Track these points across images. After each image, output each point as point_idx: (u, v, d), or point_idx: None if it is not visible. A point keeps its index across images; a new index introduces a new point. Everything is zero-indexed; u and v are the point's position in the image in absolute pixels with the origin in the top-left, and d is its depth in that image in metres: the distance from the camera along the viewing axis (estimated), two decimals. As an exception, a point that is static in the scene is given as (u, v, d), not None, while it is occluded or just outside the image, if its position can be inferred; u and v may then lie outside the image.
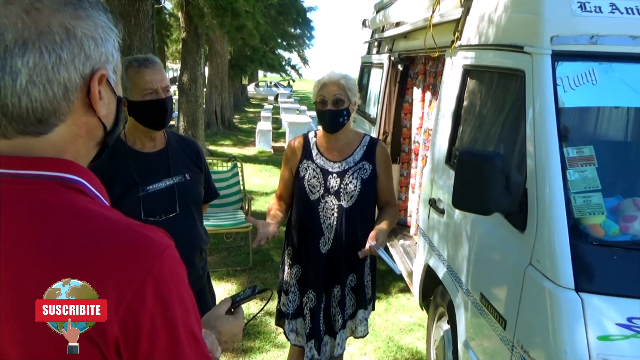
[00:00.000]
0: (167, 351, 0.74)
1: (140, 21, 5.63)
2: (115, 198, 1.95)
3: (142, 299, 0.71)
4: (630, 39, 1.98)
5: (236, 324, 1.15)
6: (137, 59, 1.97)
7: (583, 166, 1.84)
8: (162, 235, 0.79)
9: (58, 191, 0.75)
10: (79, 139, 0.79)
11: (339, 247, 2.26)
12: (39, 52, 0.70)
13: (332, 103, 2.20)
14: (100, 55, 0.76)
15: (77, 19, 0.73)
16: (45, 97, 0.72)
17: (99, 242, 0.72)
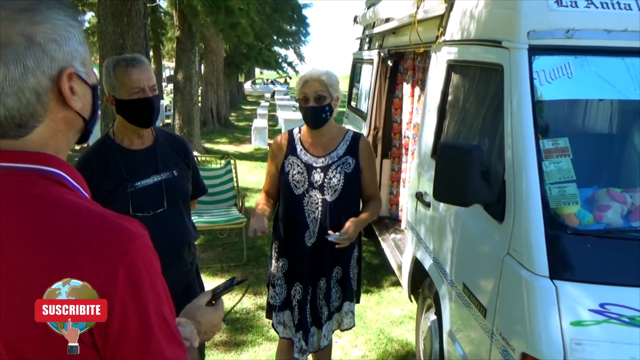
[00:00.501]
0: (138, 334, 0.78)
1: (132, 20, 5.65)
2: (105, 194, 2.00)
3: (115, 283, 0.76)
4: (605, 32, 2.02)
5: (216, 314, 1.19)
6: (124, 59, 2.02)
7: (558, 157, 1.89)
8: (136, 225, 0.83)
9: (39, 183, 0.79)
10: (59, 134, 0.83)
11: (324, 240, 2.31)
12: (5, 65, 0.74)
13: (314, 100, 2.25)
14: (65, 54, 0.80)
15: (34, 25, 0.77)
16: (20, 104, 0.77)
17: (75, 230, 0.77)
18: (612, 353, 1.63)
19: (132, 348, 0.78)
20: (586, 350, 1.65)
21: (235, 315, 3.91)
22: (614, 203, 1.87)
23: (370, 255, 5.21)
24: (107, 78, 1.99)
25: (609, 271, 1.75)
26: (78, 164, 2.06)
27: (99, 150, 2.09)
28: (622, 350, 1.63)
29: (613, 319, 1.67)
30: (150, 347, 0.80)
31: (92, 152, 2.09)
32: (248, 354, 3.39)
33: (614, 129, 2.12)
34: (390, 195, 4.92)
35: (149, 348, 0.80)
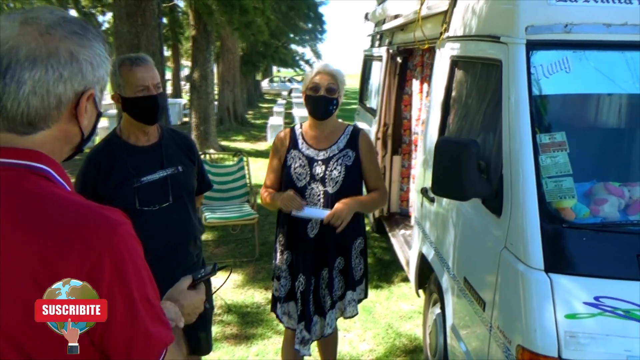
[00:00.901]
0: (124, 314, 0.85)
1: (146, 20, 5.77)
2: (112, 189, 2.08)
3: (101, 269, 0.82)
4: (605, 26, 2.02)
5: (197, 297, 1.26)
6: (129, 58, 2.09)
7: (555, 152, 1.90)
8: (119, 214, 0.90)
9: (28, 177, 0.86)
10: (57, 142, 0.92)
11: (326, 231, 2.36)
12: (45, 68, 0.84)
13: (326, 90, 2.31)
14: (94, 77, 0.91)
15: (80, 47, 0.88)
16: (41, 105, 0.86)
17: (62, 220, 0.84)
18: (607, 346, 1.64)
19: (119, 328, 0.85)
20: (580, 343, 1.66)
21: (245, 309, 3.99)
22: (611, 197, 1.87)
23: (382, 251, 5.24)
24: (113, 77, 2.06)
25: (605, 264, 1.75)
26: (86, 160, 2.14)
27: (106, 147, 2.16)
28: (616, 342, 1.64)
29: (608, 312, 1.67)
30: (137, 327, 0.86)
31: (100, 148, 2.17)
32: (257, 346, 3.45)
33: (613, 123, 2.11)
34: (401, 192, 4.94)
35: (135, 328, 0.86)
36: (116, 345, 0.85)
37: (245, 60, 19.32)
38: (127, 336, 0.86)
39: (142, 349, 0.88)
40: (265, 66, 24.10)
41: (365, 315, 3.90)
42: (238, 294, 4.29)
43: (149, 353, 0.89)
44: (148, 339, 0.88)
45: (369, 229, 5.78)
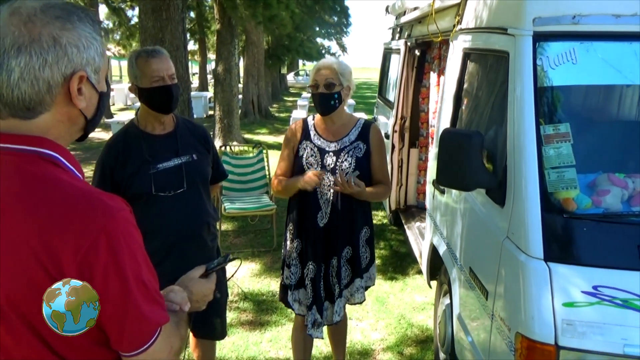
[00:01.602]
0: (118, 292, 0.92)
1: (170, 15, 5.89)
2: (129, 175, 2.18)
3: (96, 251, 0.89)
4: (614, 17, 2.01)
5: (207, 286, 1.31)
6: (145, 50, 2.18)
7: (559, 143, 1.91)
8: (118, 201, 0.97)
9: (37, 162, 0.94)
10: (61, 124, 0.97)
11: (336, 220, 2.42)
12: (29, 55, 0.89)
13: (324, 86, 2.35)
14: (82, 59, 0.94)
15: (64, 30, 0.92)
16: (32, 90, 0.91)
17: (64, 203, 0.91)
18: (604, 334, 1.66)
19: (113, 306, 0.92)
20: (578, 331, 1.68)
21: (261, 297, 4.09)
22: (614, 188, 1.87)
23: (398, 244, 5.27)
24: (130, 69, 2.17)
25: (605, 254, 1.77)
26: (105, 147, 2.25)
27: (124, 136, 2.27)
28: (613, 331, 1.66)
29: (606, 301, 1.69)
30: (129, 304, 0.93)
31: (118, 137, 2.28)
32: (271, 333, 3.55)
33: (619, 114, 2.10)
34: (418, 184, 4.95)
35: (128, 304, 0.93)
36: (111, 322, 0.93)
37: (270, 54, 19.46)
38: (121, 315, 0.93)
39: (135, 328, 0.95)
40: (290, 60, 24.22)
41: (379, 306, 3.95)
42: (255, 282, 4.39)
43: (142, 331, 0.96)
44: (141, 317, 0.95)
45: (386, 222, 5.82)
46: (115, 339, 0.95)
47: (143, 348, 0.96)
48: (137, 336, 0.96)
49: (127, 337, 0.95)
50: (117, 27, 18.64)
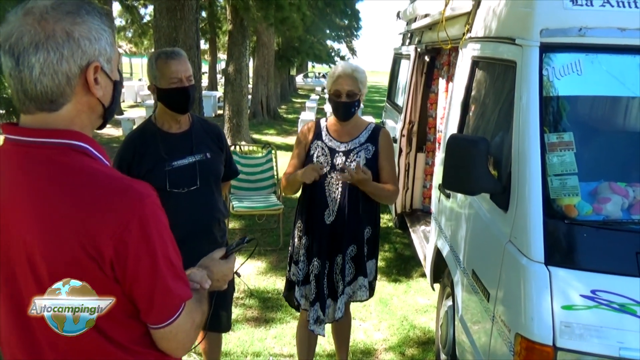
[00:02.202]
0: (148, 269, 1.01)
1: (185, 15, 5.99)
2: (145, 171, 2.26)
3: (130, 232, 0.98)
4: (619, 31, 2.07)
5: (227, 266, 1.40)
6: (165, 52, 2.26)
7: (562, 151, 1.98)
8: (146, 187, 1.05)
9: (69, 153, 1.02)
10: (83, 114, 1.05)
11: (342, 219, 2.49)
12: (46, 51, 0.96)
13: (346, 96, 2.44)
14: (94, 50, 1.01)
15: (75, 25, 0.99)
16: (53, 83, 0.98)
17: (100, 190, 1.00)
18: (601, 337, 1.72)
19: (144, 281, 1.01)
20: (575, 334, 1.74)
21: (267, 295, 4.16)
22: (614, 196, 1.93)
23: (402, 247, 5.33)
24: (150, 69, 2.25)
25: (603, 260, 1.82)
26: (123, 143, 2.34)
27: (141, 133, 2.35)
28: (610, 334, 1.72)
29: (603, 305, 1.75)
30: (158, 280, 1.02)
31: (136, 134, 2.36)
32: (276, 329, 3.62)
33: (622, 125, 2.16)
34: (424, 189, 5.01)
35: (157, 280, 1.02)
36: (141, 295, 1.02)
37: (280, 55, 19.57)
38: (150, 288, 1.02)
39: (162, 300, 1.04)
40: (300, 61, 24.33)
41: (382, 307, 4.02)
42: (260, 280, 4.47)
43: (168, 304, 1.05)
44: (168, 292, 1.04)
45: (391, 225, 5.88)
46: (144, 311, 1.03)
47: (169, 321, 1.05)
48: (164, 310, 1.04)
49: (156, 310, 1.03)
50: (129, 24, 18.84)
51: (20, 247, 0.99)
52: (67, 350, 1.02)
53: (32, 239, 0.97)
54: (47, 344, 1.02)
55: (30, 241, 0.98)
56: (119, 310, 1.02)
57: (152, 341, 1.09)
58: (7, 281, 1.02)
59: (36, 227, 0.97)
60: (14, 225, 0.99)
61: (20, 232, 0.99)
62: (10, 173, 1.01)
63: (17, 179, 1.00)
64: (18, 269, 1.00)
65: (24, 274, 1.00)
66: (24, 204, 0.98)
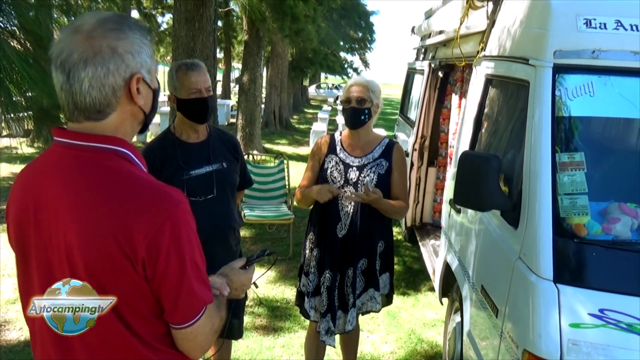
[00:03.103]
0: (176, 270, 1.07)
1: (203, 25, 6.11)
2: (164, 179, 2.31)
3: (162, 234, 1.04)
4: (632, 54, 2.11)
5: (246, 276, 1.45)
6: (185, 64, 2.33)
7: (573, 171, 2.01)
8: (180, 193, 1.12)
9: (113, 158, 1.09)
10: (126, 122, 1.13)
11: (354, 232, 2.53)
12: (94, 66, 1.04)
13: (356, 102, 2.49)
14: (137, 63, 1.09)
15: (118, 40, 1.06)
16: (100, 95, 1.06)
17: (137, 193, 1.07)
18: (608, 356, 1.74)
19: (172, 282, 1.07)
20: (582, 351, 1.76)
21: (276, 304, 4.19)
22: (624, 216, 1.96)
23: (412, 260, 5.34)
24: (171, 80, 2.32)
25: (612, 279, 1.85)
26: (143, 152, 2.40)
27: (161, 142, 2.42)
28: (617, 354, 1.74)
29: (611, 324, 1.77)
30: (184, 281, 1.08)
31: (156, 143, 2.43)
32: (284, 338, 3.65)
33: (633, 147, 2.19)
34: (434, 203, 5.04)
35: (183, 282, 1.08)
36: (167, 294, 1.08)
37: (294, 66, 19.74)
38: (176, 288, 1.08)
39: (186, 301, 1.09)
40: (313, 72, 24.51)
41: (390, 320, 4.03)
42: (270, 289, 4.51)
43: (191, 306, 1.11)
44: (192, 294, 1.10)
45: (401, 238, 5.89)
46: (169, 311, 1.09)
47: (191, 322, 1.11)
48: (188, 311, 1.10)
49: (180, 310, 1.09)
50: (147, 32, 19.11)
51: (61, 242, 1.06)
52: (95, 342, 1.08)
53: (72, 235, 1.04)
54: (77, 335, 1.08)
55: (70, 237, 1.04)
56: (146, 308, 1.08)
57: (173, 342, 1.14)
58: (44, 277, 1.09)
59: (77, 224, 1.04)
60: (57, 222, 1.06)
61: (62, 228, 1.05)
62: (59, 172, 1.09)
63: (64, 179, 1.07)
64: (56, 264, 1.07)
65: (61, 269, 1.06)
66: (68, 203, 1.06)
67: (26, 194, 1.12)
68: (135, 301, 1.07)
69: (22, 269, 1.15)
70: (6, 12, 2.11)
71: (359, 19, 22.63)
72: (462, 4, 3.31)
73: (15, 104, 2.33)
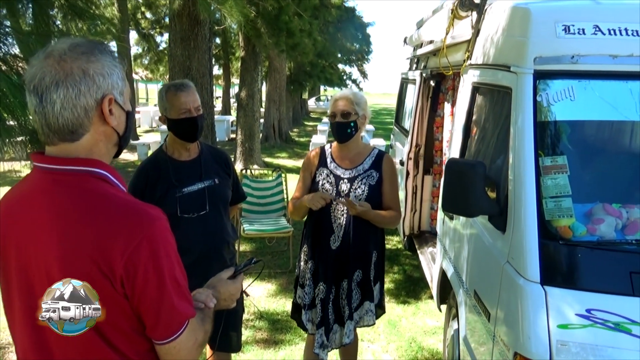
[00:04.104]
0: (155, 286, 1.10)
1: (198, 44, 6.21)
2: (158, 197, 2.37)
3: (139, 252, 1.07)
4: (611, 58, 2.15)
5: (234, 286, 1.47)
6: (174, 85, 2.39)
7: (556, 174, 2.04)
8: (157, 210, 1.15)
9: (91, 180, 1.13)
10: (100, 143, 1.16)
11: (347, 244, 2.56)
12: (66, 88, 1.08)
13: (341, 116, 2.53)
14: (108, 85, 1.13)
15: (89, 62, 1.11)
16: (73, 116, 1.10)
17: (114, 213, 1.10)
18: (596, 355, 1.76)
19: (151, 298, 1.10)
20: (571, 352, 1.78)
21: (276, 317, 4.21)
22: (608, 217, 1.99)
23: (411, 269, 5.36)
24: (161, 101, 2.38)
25: (598, 280, 1.87)
26: (136, 172, 2.45)
27: (153, 161, 2.47)
28: (605, 353, 1.76)
29: (599, 324, 1.79)
30: (164, 297, 1.11)
31: (148, 162, 2.48)
32: (285, 351, 3.66)
33: (615, 148, 2.22)
34: (431, 210, 5.06)
35: (163, 297, 1.11)
36: (148, 310, 1.11)
37: (292, 80, 19.87)
38: (156, 305, 1.11)
39: (168, 316, 1.12)
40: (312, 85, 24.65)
41: (390, 329, 4.04)
42: (270, 302, 4.53)
43: (172, 320, 1.14)
44: (173, 309, 1.13)
45: (400, 247, 5.91)
46: (150, 327, 1.12)
47: (173, 337, 1.13)
48: (169, 326, 1.13)
49: (161, 326, 1.12)
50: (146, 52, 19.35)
51: (41, 264, 1.09)
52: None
53: (53, 257, 1.08)
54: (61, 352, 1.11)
55: (50, 259, 1.08)
56: (128, 325, 1.11)
57: (157, 358, 1.17)
58: (25, 295, 1.12)
59: (57, 246, 1.08)
60: (38, 244, 1.10)
61: (42, 250, 1.09)
62: (38, 196, 1.12)
63: (43, 202, 1.11)
64: (37, 284, 1.10)
65: (42, 290, 1.09)
66: (48, 225, 1.09)
67: (7, 218, 1.16)
68: (117, 319, 1.10)
69: (4, 290, 1.19)
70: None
71: (356, 30, 22.75)
72: (448, 14, 3.37)
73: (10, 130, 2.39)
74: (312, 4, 10.88)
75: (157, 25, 18.57)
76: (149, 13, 17.88)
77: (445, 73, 3.51)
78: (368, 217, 2.51)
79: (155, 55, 19.56)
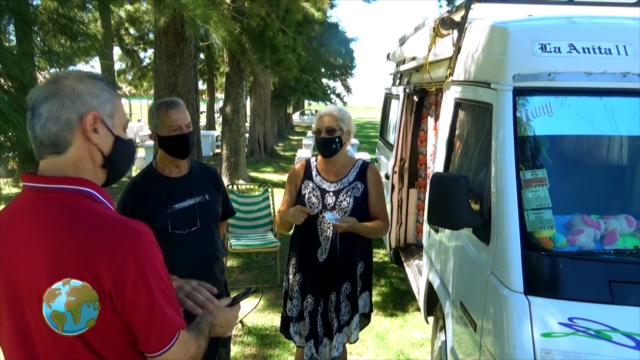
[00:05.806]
0: (145, 299, 1.13)
1: (184, 60, 6.25)
2: (148, 214, 2.39)
3: (126, 266, 1.11)
4: (585, 75, 2.25)
5: (231, 313, 1.49)
6: (165, 102, 2.43)
7: (537, 187, 2.12)
8: (142, 225, 1.19)
9: (78, 198, 1.17)
10: (85, 159, 1.20)
11: (334, 256, 2.60)
12: (52, 101, 1.14)
13: (326, 132, 2.58)
14: (95, 103, 1.19)
15: (80, 82, 1.18)
16: (55, 128, 1.15)
17: (101, 230, 1.13)
18: (579, 362, 1.82)
19: (142, 310, 1.13)
20: (555, 359, 1.84)
21: (265, 332, 4.21)
22: (587, 228, 2.06)
23: (398, 281, 5.40)
24: (151, 119, 2.41)
25: (579, 289, 1.94)
26: (126, 189, 2.47)
27: (144, 178, 2.49)
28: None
29: (581, 332, 1.85)
30: (155, 308, 1.14)
31: (139, 179, 2.50)
32: (274, 366, 3.66)
33: (592, 161, 2.31)
34: (417, 223, 5.13)
35: (154, 309, 1.14)
36: (139, 323, 1.13)
37: (277, 94, 19.98)
38: (148, 316, 1.14)
39: (160, 327, 1.15)
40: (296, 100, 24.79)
41: (378, 341, 4.07)
42: (259, 317, 4.52)
43: (164, 331, 1.17)
44: (164, 320, 1.16)
45: (387, 259, 5.96)
46: (142, 339, 1.15)
47: (165, 349, 1.16)
48: (161, 337, 1.16)
49: (153, 337, 1.15)
50: (129, 68, 19.31)
51: (30, 281, 1.12)
52: None
53: (42, 274, 1.10)
54: None
55: (39, 276, 1.10)
56: (118, 339, 1.14)
57: None
58: (14, 312, 1.15)
59: (44, 262, 1.11)
60: (27, 262, 1.13)
61: (31, 268, 1.12)
62: (27, 214, 1.16)
63: (31, 220, 1.14)
64: (25, 301, 1.13)
65: (31, 307, 1.12)
66: (35, 242, 1.12)
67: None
68: (106, 333, 1.12)
69: None
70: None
71: (339, 45, 23.02)
72: (430, 32, 3.47)
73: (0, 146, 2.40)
74: (296, 20, 10.98)
75: (140, 41, 18.56)
76: (132, 29, 17.87)
77: (428, 89, 3.60)
78: (355, 230, 2.56)
79: (139, 71, 19.52)
